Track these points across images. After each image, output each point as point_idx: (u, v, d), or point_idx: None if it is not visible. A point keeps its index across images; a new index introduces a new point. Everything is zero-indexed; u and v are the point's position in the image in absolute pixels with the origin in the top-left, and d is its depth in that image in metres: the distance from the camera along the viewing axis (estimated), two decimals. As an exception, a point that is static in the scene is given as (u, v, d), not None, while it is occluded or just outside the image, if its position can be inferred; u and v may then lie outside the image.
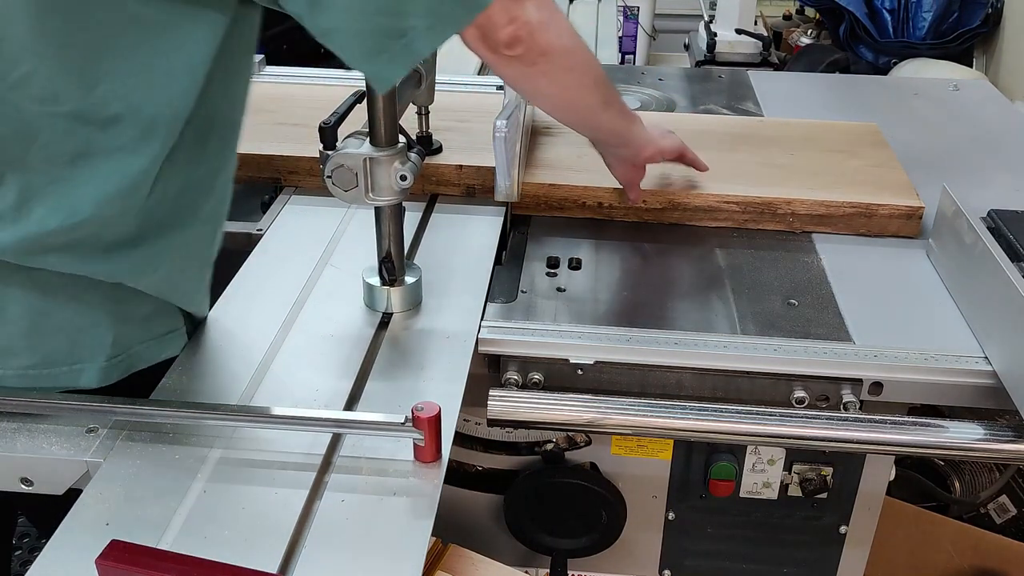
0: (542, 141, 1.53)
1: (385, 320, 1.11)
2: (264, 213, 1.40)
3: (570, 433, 1.24)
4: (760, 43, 3.06)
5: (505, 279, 1.23)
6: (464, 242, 1.30)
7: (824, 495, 1.24)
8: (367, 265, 1.14)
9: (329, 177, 1.00)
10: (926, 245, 1.30)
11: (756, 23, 3.25)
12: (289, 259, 1.25)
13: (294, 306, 1.14)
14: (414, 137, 1.28)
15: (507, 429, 1.24)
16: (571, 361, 1.11)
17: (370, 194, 1.02)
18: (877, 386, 1.09)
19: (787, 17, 3.61)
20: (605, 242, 1.33)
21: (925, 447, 1.05)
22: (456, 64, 1.98)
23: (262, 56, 1.78)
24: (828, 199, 1.35)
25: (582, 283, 1.23)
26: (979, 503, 1.71)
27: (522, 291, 1.21)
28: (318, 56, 4.29)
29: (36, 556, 0.79)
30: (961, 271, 1.19)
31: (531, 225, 1.38)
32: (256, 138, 1.45)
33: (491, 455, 1.29)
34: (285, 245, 1.29)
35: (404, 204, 1.08)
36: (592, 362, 1.11)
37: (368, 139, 1.01)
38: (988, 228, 1.18)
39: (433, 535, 0.85)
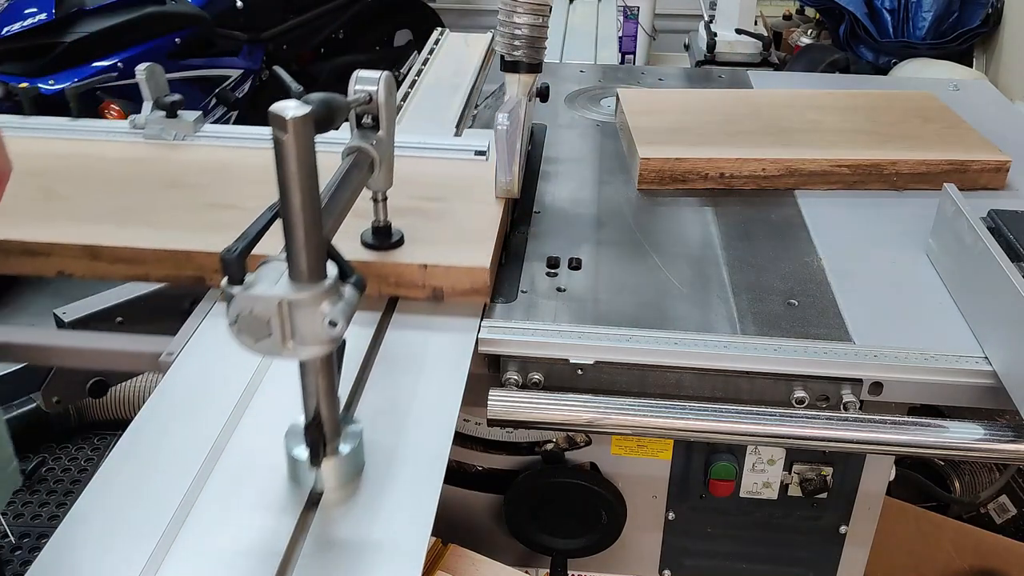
0: (660, 115, 1.61)
1: (315, 499, 0.86)
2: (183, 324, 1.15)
3: (570, 433, 1.24)
4: (760, 43, 3.06)
5: (505, 279, 1.23)
6: (427, 367, 1.04)
7: (824, 495, 1.24)
8: (295, 421, 0.87)
9: (234, 324, 0.76)
10: (926, 245, 1.30)
11: (756, 23, 3.25)
12: (197, 406, 0.98)
13: (189, 491, 0.86)
14: (369, 227, 1.15)
15: (507, 429, 1.24)
16: (571, 361, 1.11)
17: (289, 344, 0.77)
18: (877, 386, 1.09)
19: (787, 17, 3.62)
20: (605, 241, 1.33)
21: (925, 447, 1.05)
22: (430, 124, 1.65)
23: (200, 113, 1.53)
24: (927, 158, 1.47)
25: (582, 283, 1.23)
26: (979, 503, 1.71)
27: (522, 291, 1.21)
28: (318, 55, 4.27)
29: (36, 556, 0.79)
30: (961, 271, 1.19)
31: (531, 224, 1.38)
32: (176, 226, 1.21)
33: (491, 455, 1.29)
34: (196, 381, 1.02)
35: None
36: (592, 362, 1.11)
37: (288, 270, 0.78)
38: (988, 228, 1.18)
39: (433, 535, 0.85)
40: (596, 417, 1.06)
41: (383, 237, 1.16)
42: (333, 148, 1.01)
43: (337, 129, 0.89)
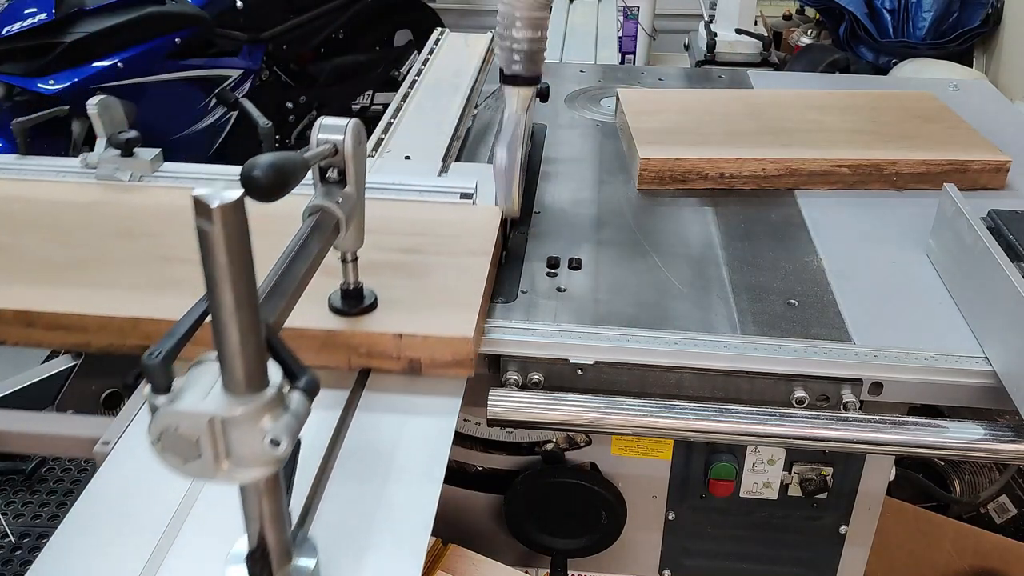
0: (660, 115, 1.60)
1: None
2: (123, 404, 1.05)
3: (570, 433, 1.24)
4: (760, 43, 3.06)
5: (505, 279, 1.23)
6: (398, 465, 0.90)
7: (824, 495, 1.24)
8: (239, 540, 0.74)
9: (157, 443, 0.64)
10: (926, 245, 1.30)
11: (756, 23, 3.25)
12: (128, 515, 0.84)
13: None
14: (338, 288, 1.02)
15: (507, 429, 1.24)
16: (571, 361, 1.11)
17: (224, 465, 0.65)
18: (877, 386, 1.09)
19: (787, 17, 3.62)
20: (604, 241, 1.33)
21: (925, 447, 1.05)
22: (412, 162, 1.52)
23: (159, 151, 1.41)
24: (927, 158, 1.47)
25: (582, 283, 1.23)
26: (979, 503, 1.70)
27: (522, 291, 1.21)
28: (318, 55, 4.27)
29: (36, 556, 0.79)
30: (961, 271, 1.19)
31: (531, 224, 1.38)
32: (123, 285, 1.09)
33: (491, 455, 1.29)
34: (131, 481, 0.88)
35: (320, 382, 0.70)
36: (592, 362, 1.11)
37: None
38: (988, 228, 1.18)
39: (433, 535, 0.84)
40: (596, 417, 1.06)
41: (353, 301, 1.04)
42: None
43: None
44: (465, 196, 1.31)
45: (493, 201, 1.30)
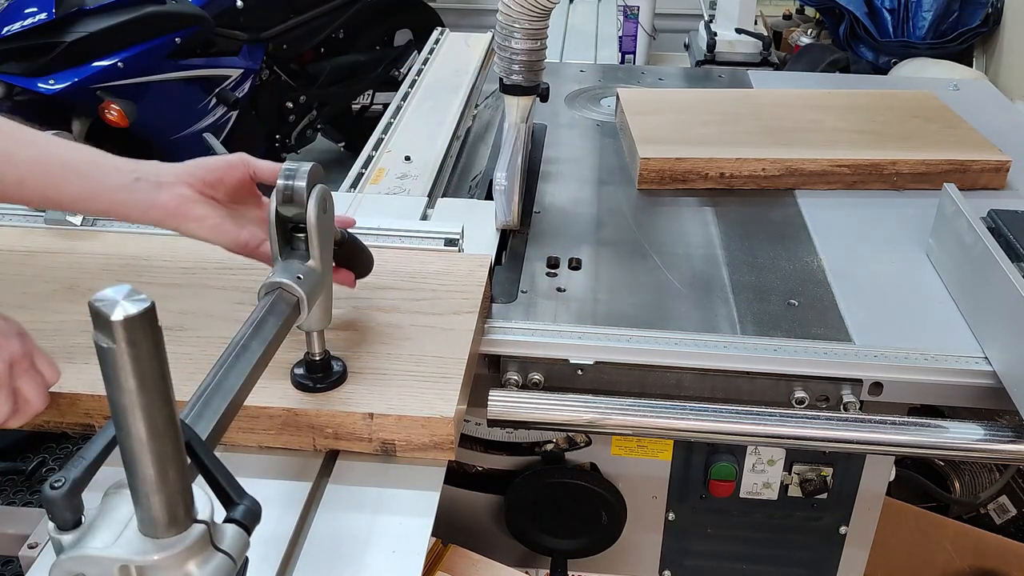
0: (660, 115, 1.60)
1: None
2: None
3: (570, 433, 1.24)
4: (760, 43, 3.06)
5: (505, 279, 1.23)
6: (367, 567, 0.78)
7: (824, 495, 1.24)
8: None
9: None
10: (926, 245, 1.30)
11: (756, 23, 3.25)
12: None
13: None
14: (302, 356, 0.91)
15: (507, 429, 1.24)
16: (571, 361, 1.11)
17: None
18: (877, 386, 1.09)
19: (787, 17, 3.62)
20: (604, 242, 1.33)
21: (925, 447, 1.05)
22: (393, 201, 1.41)
23: None
24: (927, 158, 1.47)
25: (582, 283, 1.23)
26: (979, 503, 1.70)
27: (522, 291, 1.21)
28: (318, 55, 4.26)
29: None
30: (961, 271, 1.19)
31: (531, 224, 1.38)
32: (62, 354, 0.91)
33: (491, 455, 1.29)
34: None
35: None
36: (592, 362, 1.11)
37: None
38: (988, 228, 1.18)
39: (433, 535, 0.84)
40: (596, 417, 1.06)
41: (318, 375, 0.91)
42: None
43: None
44: (450, 243, 1.17)
45: (487, 230, 1.29)
